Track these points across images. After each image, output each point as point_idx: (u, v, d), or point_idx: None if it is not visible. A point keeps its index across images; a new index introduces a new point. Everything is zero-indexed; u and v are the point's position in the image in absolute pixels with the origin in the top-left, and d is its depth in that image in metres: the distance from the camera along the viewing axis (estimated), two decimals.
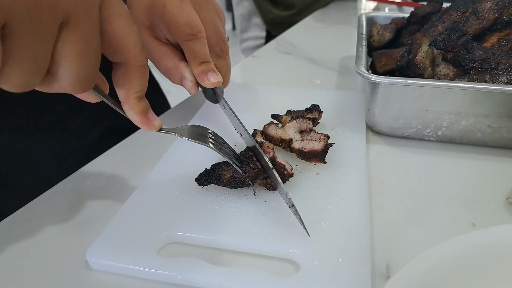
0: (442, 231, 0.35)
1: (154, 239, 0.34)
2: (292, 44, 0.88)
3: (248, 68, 0.76)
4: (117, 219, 0.36)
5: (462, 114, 0.45)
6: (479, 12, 0.54)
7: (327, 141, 0.42)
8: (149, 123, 0.34)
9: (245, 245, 0.33)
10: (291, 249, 0.32)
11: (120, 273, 0.32)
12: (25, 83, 0.25)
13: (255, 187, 0.39)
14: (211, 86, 0.44)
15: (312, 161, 0.42)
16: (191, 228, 0.35)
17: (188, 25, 0.43)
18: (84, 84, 0.28)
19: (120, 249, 0.33)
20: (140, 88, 0.32)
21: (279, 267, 0.32)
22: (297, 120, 0.45)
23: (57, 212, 0.39)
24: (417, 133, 0.48)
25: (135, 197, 0.39)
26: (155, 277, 0.31)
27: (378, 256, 0.33)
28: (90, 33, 0.26)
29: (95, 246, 0.33)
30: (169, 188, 0.40)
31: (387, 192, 0.41)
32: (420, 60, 0.50)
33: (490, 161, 0.45)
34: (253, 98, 0.60)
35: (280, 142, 0.45)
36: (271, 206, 0.37)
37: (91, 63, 0.27)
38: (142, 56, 0.31)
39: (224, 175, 0.38)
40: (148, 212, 0.37)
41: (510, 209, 0.37)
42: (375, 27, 0.65)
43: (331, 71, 0.73)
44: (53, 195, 0.42)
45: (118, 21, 0.29)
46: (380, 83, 0.45)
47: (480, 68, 0.47)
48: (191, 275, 0.31)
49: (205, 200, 0.38)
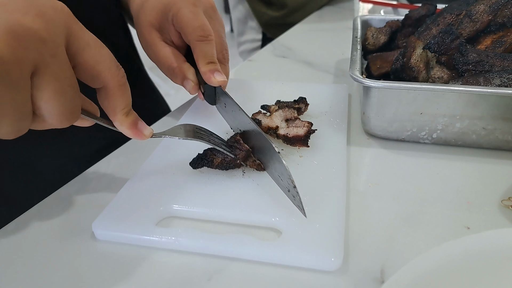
0: (437, 234, 0.35)
1: (153, 212, 0.37)
2: (288, 47, 0.89)
3: (244, 72, 0.76)
4: (119, 196, 0.40)
5: (457, 116, 0.45)
6: (473, 14, 0.55)
7: (310, 127, 0.46)
8: (140, 134, 0.37)
9: (234, 216, 0.37)
10: (274, 218, 0.36)
11: (123, 242, 0.36)
12: (16, 130, 0.28)
13: (244, 168, 0.43)
14: (216, 85, 0.48)
15: (296, 146, 0.46)
16: (186, 202, 0.39)
17: (201, 28, 0.48)
18: (69, 116, 0.30)
19: (123, 221, 0.37)
20: (125, 104, 0.35)
21: (265, 234, 0.36)
22: (283, 109, 0.49)
23: (59, 215, 0.40)
24: (412, 136, 0.49)
25: (136, 178, 0.42)
26: (154, 244, 0.35)
27: (373, 260, 0.33)
28: (61, 71, 0.28)
29: (100, 219, 0.37)
30: (166, 171, 0.44)
31: (382, 195, 0.41)
32: (414, 63, 0.50)
33: (484, 163, 0.45)
34: (243, 92, 0.62)
35: (267, 129, 0.48)
36: (258, 184, 0.41)
37: (69, 96, 0.29)
38: (119, 76, 0.34)
39: (215, 159, 0.42)
40: (147, 190, 0.41)
41: (504, 211, 0.37)
42: (370, 30, 0.65)
43: (327, 74, 0.73)
44: (55, 198, 0.42)
45: (87, 51, 0.31)
46: (374, 87, 0.45)
47: (474, 70, 0.48)
48: (186, 240, 0.34)
49: (199, 179, 0.42)
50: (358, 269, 0.33)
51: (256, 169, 0.42)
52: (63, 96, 0.29)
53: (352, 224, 0.37)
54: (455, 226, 0.36)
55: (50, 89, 0.28)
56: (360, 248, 0.35)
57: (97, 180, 0.45)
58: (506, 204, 0.38)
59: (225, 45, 0.54)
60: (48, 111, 0.29)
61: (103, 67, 0.32)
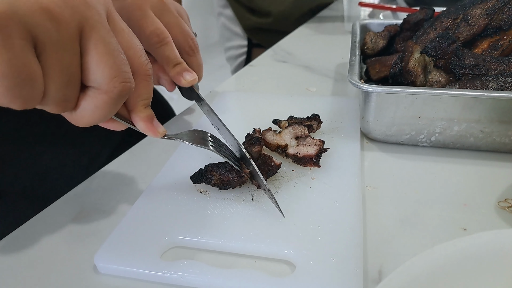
0: (434, 236, 0.36)
1: (157, 243, 0.35)
2: (288, 52, 0.90)
3: (244, 77, 0.77)
4: (122, 225, 0.38)
5: (454, 120, 0.45)
6: (469, 18, 0.55)
7: (321, 146, 0.44)
8: (155, 130, 0.36)
9: (243, 247, 0.35)
10: (287, 250, 0.34)
11: (126, 276, 0.34)
12: (63, 98, 0.28)
13: (253, 192, 0.41)
14: (188, 85, 0.48)
15: (307, 166, 0.44)
16: (192, 232, 0.36)
17: (154, 33, 0.46)
18: (121, 80, 0.30)
19: (126, 253, 0.35)
20: (147, 96, 0.35)
21: (276, 268, 0.34)
22: (293, 126, 0.47)
23: (65, 221, 0.40)
24: (410, 139, 0.49)
25: (140, 204, 0.41)
26: (159, 279, 0.33)
27: (371, 261, 0.34)
28: (107, 35, 0.29)
29: (102, 251, 0.35)
30: (172, 194, 0.42)
31: (381, 198, 0.41)
32: (412, 67, 0.51)
33: (482, 165, 0.46)
34: (248, 106, 0.61)
35: (276, 148, 0.46)
36: (268, 210, 0.38)
37: (118, 60, 0.30)
38: (148, 66, 0.34)
39: (214, 175, 0.40)
40: (151, 218, 0.39)
41: (501, 213, 0.38)
42: (368, 35, 0.66)
43: (326, 78, 0.74)
44: (61, 204, 0.43)
45: (121, 35, 0.32)
46: (372, 92, 0.46)
47: (471, 74, 0.48)
48: (193, 276, 0.32)
49: (206, 204, 0.40)
50: None
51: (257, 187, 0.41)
52: (111, 59, 0.29)
53: None
54: (452, 228, 0.37)
55: (98, 52, 0.28)
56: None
57: (102, 185, 0.46)
58: (502, 205, 0.39)
59: (188, 34, 0.51)
60: (99, 75, 0.29)
61: (134, 53, 0.33)
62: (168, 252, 0.36)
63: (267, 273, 0.32)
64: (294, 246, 0.34)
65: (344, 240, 0.34)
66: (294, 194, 0.41)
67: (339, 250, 0.33)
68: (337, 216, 0.37)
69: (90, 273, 0.34)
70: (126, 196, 0.44)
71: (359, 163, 0.45)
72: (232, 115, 0.59)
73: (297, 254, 0.33)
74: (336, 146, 0.48)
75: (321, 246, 0.34)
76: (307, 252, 0.33)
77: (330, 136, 0.51)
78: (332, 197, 0.40)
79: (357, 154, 0.47)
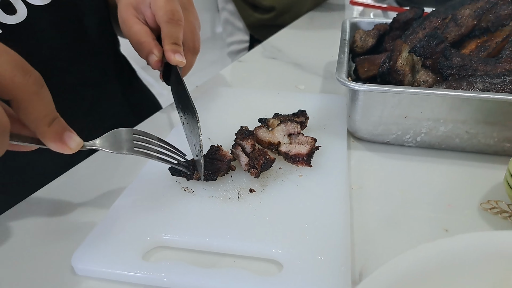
0: (416, 236, 0.36)
1: (139, 243, 0.34)
2: (278, 49, 0.89)
3: (234, 73, 0.76)
4: (102, 224, 0.36)
5: (441, 120, 0.45)
6: (458, 19, 0.55)
7: (313, 145, 0.44)
8: (64, 146, 0.32)
9: (229, 246, 0.34)
10: (274, 249, 0.33)
11: (106, 278, 0.32)
12: None
13: (239, 190, 0.40)
14: (174, 63, 0.49)
15: (297, 164, 0.43)
16: (176, 231, 0.35)
17: (172, 12, 0.50)
18: None
19: (106, 254, 0.33)
20: (45, 113, 0.30)
21: (263, 267, 0.33)
22: (285, 123, 0.46)
23: (40, 219, 0.39)
24: (397, 139, 0.49)
25: (121, 201, 0.39)
26: (141, 281, 0.32)
27: (352, 262, 0.34)
28: None
29: (80, 252, 0.33)
30: (155, 192, 0.40)
31: (366, 197, 0.41)
32: (400, 66, 0.51)
33: (467, 166, 0.46)
34: (237, 102, 0.60)
35: (269, 145, 0.46)
36: (255, 209, 0.38)
37: None
38: (28, 84, 0.29)
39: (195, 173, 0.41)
40: (133, 216, 0.37)
41: (483, 214, 0.38)
42: (358, 33, 0.66)
43: (316, 76, 0.74)
44: (34, 201, 0.41)
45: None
46: (359, 91, 0.46)
47: (458, 74, 0.48)
48: (176, 277, 0.31)
49: (190, 203, 0.39)
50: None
51: (250, 173, 0.41)
52: None
53: None
54: (435, 229, 0.37)
55: None
56: None
57: (78, 182, 0.45)
58: (485, 207, 0.39)
59: (197, 36, 0.56)
60: None
61: (3, 78, 0.28)
62: (150, 252, 0.34)
63: (254, 272, 0.31)
64: (282, 245, 0.34)
65: (331, 239, 0.34)
66: (281, 192, 0.40)
67: (326, 249, 0.33)
68: (324, 215, 0.37)
69: (67, 275, 0.33)
70: (107, 193, 0.43)
71: (346, 161, 0.45)
72: (217, 111, 0.58)
73: (285, 253, 0.33)
74: (323, 144, 0.47)
75: (308, 245, 0.33)
76: (294, 250, 0.33)
77: (317, 134, 0.50)
78: (319, 195, 0.40)
79: (344, 152, 0.47)
